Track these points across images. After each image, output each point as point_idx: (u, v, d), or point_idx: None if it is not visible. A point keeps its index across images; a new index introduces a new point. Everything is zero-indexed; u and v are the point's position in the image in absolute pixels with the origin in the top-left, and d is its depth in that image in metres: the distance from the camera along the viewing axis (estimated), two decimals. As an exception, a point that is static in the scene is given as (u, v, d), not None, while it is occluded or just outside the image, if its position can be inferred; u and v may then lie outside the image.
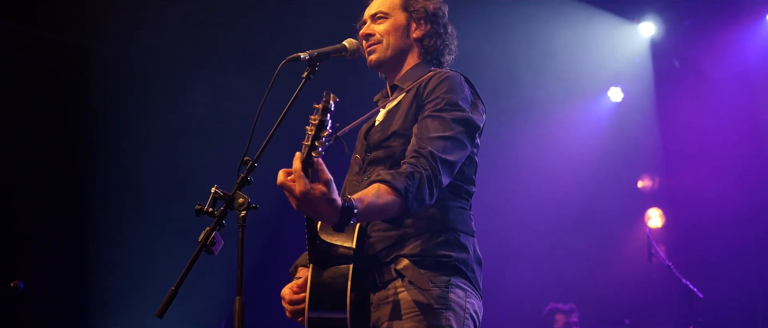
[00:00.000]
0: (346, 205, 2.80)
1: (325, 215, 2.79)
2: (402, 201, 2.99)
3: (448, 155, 3.21)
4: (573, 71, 10.06)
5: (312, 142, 2.67)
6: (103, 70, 8.67)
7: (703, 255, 9.78)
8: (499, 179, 8.91)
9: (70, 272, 8.71)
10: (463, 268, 3.32)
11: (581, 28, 9.76)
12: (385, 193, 2.96)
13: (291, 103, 3.20)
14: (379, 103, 3.77)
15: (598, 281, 10.29)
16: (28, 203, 8.51)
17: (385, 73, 3.77)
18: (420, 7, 3.72)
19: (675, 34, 10.01)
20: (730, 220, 9.69)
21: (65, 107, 8.70)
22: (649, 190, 11.13)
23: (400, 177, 3.01)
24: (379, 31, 3.69)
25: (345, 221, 2.83)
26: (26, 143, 8.50)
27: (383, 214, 3.05)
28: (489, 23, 8.86)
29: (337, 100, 2.71)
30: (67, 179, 8.75)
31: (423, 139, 3.23)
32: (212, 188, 2.96)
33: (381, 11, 3.73)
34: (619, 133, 10.61)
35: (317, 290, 3.18)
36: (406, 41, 3.71)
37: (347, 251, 3.19)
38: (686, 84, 10.16)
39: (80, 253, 8.76)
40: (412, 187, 3.01)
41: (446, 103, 3.35)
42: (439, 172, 3.14)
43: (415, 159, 3.14)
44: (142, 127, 8.98)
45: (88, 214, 8.85)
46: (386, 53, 3.68)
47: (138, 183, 8.99)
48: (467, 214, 3.47)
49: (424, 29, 3.72)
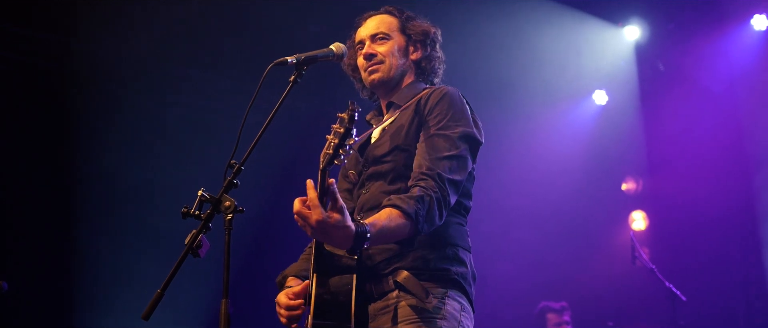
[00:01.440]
0: (360, 230, 2.91)
1: (340, 241, 2.91)
2: (412, 224, 3.09)
3: (455, 175, 3.31)
4: (558, 74, 10.08)
5: (334, 150, 2.76)
6: (89, 70, 8.63)
7: (687, 258, 9.81)
8: (482, 181, 8.90)
9: (55, 273, 8.68)
10: (461, 282, 3.37)
11: (566, 32, 9.78)
12: (396, 217, 3.07)
13: (278, 107, 3.21)
14: (373, 122, 3.83)
15: (582, 283, 10.30)
16: (12, 204, 8.48)
17: (383, 92, 3.82)
18: (419, 31, 3.81)
19: (660, 38, 10.03)
20: (713, 223, 9.72)
21: (50, 107, 8.67)
22: (633, 192, 11.17)
23: (410, 201, 3.10)
24: (382, 51, 3.75)
25: (358, 246, 2.94)
26: (10, 143, 8.46)
27: (395, 237, 3.14)
28: (472, 27, 8.88)
29: (360, 109, 2.77)
30: (53, 180, 8.73)
31: (430, 160, 3.30)
32: (199, 191, 2.98)
33: (382, 32, 3.78)
34: (604, 136, 10.63)
35: (322, 299, 3.21)
36: (406, 62, 3.78)
37: (351, 261, 3.23)
38: (671, 87, 10.20)
39: (65, 254, 8.74)
40: (423, 210, 3.11)
41: (450, 120, 3.43)
42: (447, 193, 3.24)
43: (425, 181, 3.22)
44: (128, 128, 8.96)
45: (73, 215, 8.83)
46: (389, 74, 3.74)
47: (124, 184, 8.97)
48: (464, 230, 3.53)
49: (422, 52, 3.81)
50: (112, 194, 8.93)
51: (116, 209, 8.93)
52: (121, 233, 8.98)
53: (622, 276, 9.94)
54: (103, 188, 8.89)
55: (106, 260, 8.89)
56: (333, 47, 3.54)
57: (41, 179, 8.63)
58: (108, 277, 8.88)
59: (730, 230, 9.78)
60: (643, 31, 10.06)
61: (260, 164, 3.14)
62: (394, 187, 3.43)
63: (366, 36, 3.80)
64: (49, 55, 8.61)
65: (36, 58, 8.57)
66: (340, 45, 3.58)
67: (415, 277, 3.28)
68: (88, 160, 8.81)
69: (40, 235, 8.58)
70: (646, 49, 10.21)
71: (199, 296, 8.89)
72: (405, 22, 3.81)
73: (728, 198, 9.68)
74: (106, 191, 8.90)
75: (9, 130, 8.46)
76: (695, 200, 9.82)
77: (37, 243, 8.54)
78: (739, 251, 9.74)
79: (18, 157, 8.48)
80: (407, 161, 3.42)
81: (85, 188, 8.84)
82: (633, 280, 9.73)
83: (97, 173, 8.85)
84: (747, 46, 9.42)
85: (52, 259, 8.64)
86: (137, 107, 8.97)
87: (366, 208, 3.45)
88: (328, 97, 8.58)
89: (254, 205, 3.47)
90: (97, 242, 8.82)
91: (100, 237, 8.85)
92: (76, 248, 8.77)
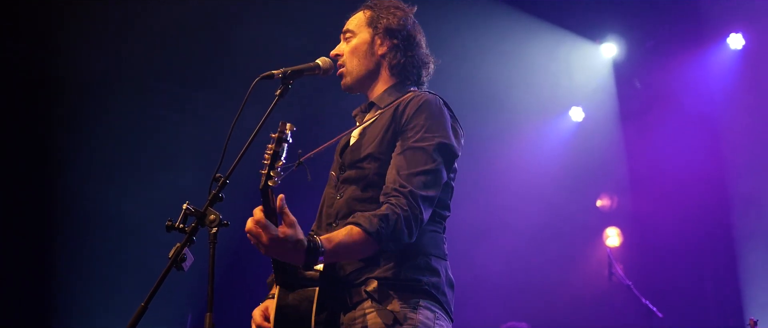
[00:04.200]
0: (312, 245, 2.89)
1: (292, 256, 2.88)
2: (374, 242, 3.06)
3: (429, 191, 3.25)
4: (534, 90, 10.12)
5: (268, 171, 2.77)
6: (67, 83, 8.58)
7: (662, 275, 9.86)
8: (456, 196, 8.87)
9: (36, 287, 8.61)
10: (433, 291, 3.32)
11: (543, 47, 9.82)
12: (357, 235, 3.04)
13: (263, 121, 3.21)
14: (357, 119, 3.77)
15: (558, 298, 10.31)
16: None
17: (360, 92, 3.78)
18: (383, 24, 3.70)
19: (637, 56, 10.10)
20: (689, 240, 9.78)
21: (29, 119, 8.60)
22: (607, 209, 11.20)
23: (374, 220, 3.06)
24: (346, 51, 3.71)
25: (312, 261, 2.91)
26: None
27: (356, 254, 3.14)
28: (448, 42, 8.85)
29: (295, 129, 2.79)
30: (31, 191, 8.66)
31: (403, 177, 3.24)
32: (184, 205, 2.96)
33: (349, 29, 3.75)
34: (580, 153, 10.66)
35: (283, 312, 3.21)
36: (371, 59, 3.70)
37: (314, 273, 3.21)
38: (647, 105, 10.26)
39: (46, 266, 8.66)
40: (387, 230, 3.07)
41: (426, 131, 3.36)
42: (419, 211, 3.19)
43: (396, 198, 3.18)
44: (108, 136, 8.90)
45: (54, 229, 8.75)
46: (351, 77, 3.70)
47: (106, 196, 8.92)
48: (440, 237, 3.48)
49: (386, 45, 3.70)
50: (94, 206, 8.86)
51: (99, 221, 8.88)
52: (105, 246, 8.93)
53: (598, 292, 9.97)
54: (86, 199, 8.83)
55: (90, 275, 8.82)
56: (319, 61, 3.54)
57: (20, 191, 8.57)
58: (92, 291, 8.81)
59: (704, 247, 9.84)
60: (621, 48, 10.13)
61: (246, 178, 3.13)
62: (367, 195, 3.38)
63: (341, 34, 3.79)
64: (27, 66, 8.53)
65: (15, 72, 8.50)
66: (326, 59, 3.57)
67: (385, 287, 3.25)
68: (70, 170, 8.75)
69: (21, 248, 8.52)
70: (624, 67, 10.27)
71: (183, 310, 8.85)
72: (376, 16, 3.72)
73: (704, 215, 9.73)
74: (88, 203, 8.84)
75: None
76: (672, 216, 9.88)
77: (18, 256, 8.47)
78: (714, 267, 9.80)
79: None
80: (380, 170, 3.37)
81: (68, 200, 8.77)
82: (609, 296, 9.75)
83: (79, 184, 8.79)
84: (723, 65, 9.50)
85: (34, 274, 8.60)
86: (115, 119, 8.91)
87: (340, 216, 3.40)
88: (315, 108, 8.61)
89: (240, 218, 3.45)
90: (79, 258, 8.76)
91: (82, 252, 8.80)
92: (58, 264, 8.70)
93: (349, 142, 3.66)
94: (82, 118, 8.74)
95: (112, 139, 8.95)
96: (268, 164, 2.75)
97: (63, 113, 8.65)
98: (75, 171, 8.78)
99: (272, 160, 2.75)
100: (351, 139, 3.66)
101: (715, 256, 9.79)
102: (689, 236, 9.78)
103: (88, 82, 8.60)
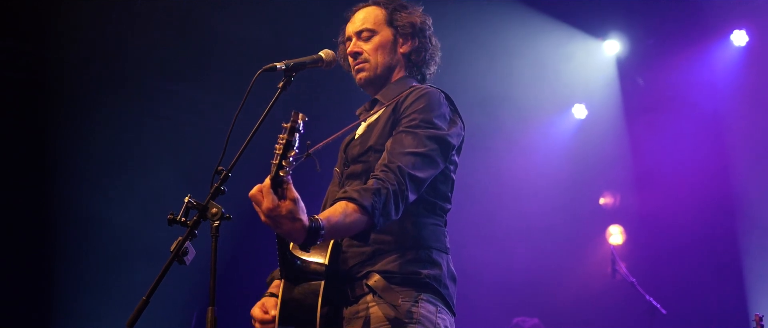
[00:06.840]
0: (313, 225, 2.81)
1: (292, 233, 2.78)
2: (368, 218, 2.99)
3: (417, 172, 3.21)
4: (537, 87, 10.08)
5: (279, 161, 2.69)
6: (66, 80, 8.57)
7: (665, 272, 9.84)
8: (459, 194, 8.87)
9: (37, 280, 8.59)
10: (435, 284, 3.32)
11: (545, 44, 9.78)
12: (352, 211, 2.97)
13: (266, 114, 3.19)
14: (361, 117, 3.77)
15: (561, 295, 10.31)
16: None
17: (372, 90, 3.77)
18: (406, 22, 3.73)
19: (640, 53, 10.07)
20: (694, 237, 9.75)
21: (27, 117, 8.60)
22: (610, 207, 11.18)
23: (366, 194, 3.00)
24: (367, 49, 3.71)
25: (311, 241, 2.84)
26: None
27: (350, 231, 3.04)
28: (450, 39, 8.80)
29: (306, 119, 2.72)
30: (32, 188, 8.65)
31: (393, 154, 3.23)
32: (185, 198, 2.94)
33: (367, 28, 3.73)
34: (583, 150, 10.64)
35: (288, 306, 3.19)
36: (394, 57, 3.73)
37: (319, 267, 3.19)
38: (651, 102, 10.24)
39: (46, 261, 8.65)
40: (379, 203, 3.01)
41: (421, 120, 3.36)
42: (405, 187, 3.13)
43: (384, 173, 3.14)
44: (108, 134, 8.89)
45: (54, 223, 8.74)
46: (375, 72, 3.71)
47: (106, 191, 8.91)
48: (441, 230, 3.48)
49: (411, 44, 3.75)
50: (93, 200, 8.85)
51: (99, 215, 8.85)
52: (107, 240, 8.91)
53: (601, 289, 9.95)
54: (85, 194, 8.81)
55: (91, 268, 8.82)
56: (322, 54, 3.50)
57: (20, 188, 8.57)
58: (94, 285, 8.81)
59: (710, 243, 9.81)
60: (624, 45, 10.09)
61: (248, 171, 3.12)
62: None
63: (352, 32, 3.77)
64: (25, 66, 8.53)
65: (13, 70, 8.49)
66: (330, 52, 3.53)
67: (387, 280, 3.24)
68: (69, 168, 8.74)
69: (21, 244, 8.51)
70: (627, 64, 10.24)
71: (186, 304, 8.84)
72: (392, 14, 3.75)
73: (708, 211, 9.71)
74: (87, 197, 8.82)
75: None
76: (675, 213, 9.86)
77: (17, 251, 8.45)
78: (718, 263, 9.77)
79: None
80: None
81: (66, 195, 8.75)
82: (612, 293, 9.74)
83: (78, 180, 8.79)
84: (727, 62, 9.49)
85: (34, 267, 8.57)
86: (116, 115, 8.91)
87: None
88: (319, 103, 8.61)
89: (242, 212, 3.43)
90: (80, 251, 8.75)
91: (83, 246, 8.78)
92: (58, 256, 8.68)
93: (353, 138, 3.67)
94: (78, 120, 8.72)
95: (110, 139, 8.93)
96: (280, 154, 2.68)
97: (57, 114, 8.63)
98: (72, 173, 8.76)
99: (285, 150, 2.67)
100: (355, 135, 3.68)
101: (719, 252, 9.76)
102: (693, 232, 9.75)
103: (85, 82, 8.61)
